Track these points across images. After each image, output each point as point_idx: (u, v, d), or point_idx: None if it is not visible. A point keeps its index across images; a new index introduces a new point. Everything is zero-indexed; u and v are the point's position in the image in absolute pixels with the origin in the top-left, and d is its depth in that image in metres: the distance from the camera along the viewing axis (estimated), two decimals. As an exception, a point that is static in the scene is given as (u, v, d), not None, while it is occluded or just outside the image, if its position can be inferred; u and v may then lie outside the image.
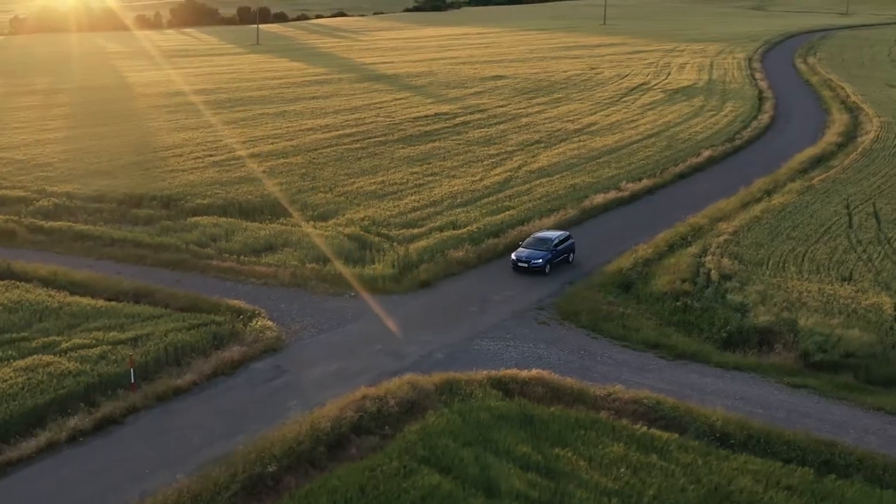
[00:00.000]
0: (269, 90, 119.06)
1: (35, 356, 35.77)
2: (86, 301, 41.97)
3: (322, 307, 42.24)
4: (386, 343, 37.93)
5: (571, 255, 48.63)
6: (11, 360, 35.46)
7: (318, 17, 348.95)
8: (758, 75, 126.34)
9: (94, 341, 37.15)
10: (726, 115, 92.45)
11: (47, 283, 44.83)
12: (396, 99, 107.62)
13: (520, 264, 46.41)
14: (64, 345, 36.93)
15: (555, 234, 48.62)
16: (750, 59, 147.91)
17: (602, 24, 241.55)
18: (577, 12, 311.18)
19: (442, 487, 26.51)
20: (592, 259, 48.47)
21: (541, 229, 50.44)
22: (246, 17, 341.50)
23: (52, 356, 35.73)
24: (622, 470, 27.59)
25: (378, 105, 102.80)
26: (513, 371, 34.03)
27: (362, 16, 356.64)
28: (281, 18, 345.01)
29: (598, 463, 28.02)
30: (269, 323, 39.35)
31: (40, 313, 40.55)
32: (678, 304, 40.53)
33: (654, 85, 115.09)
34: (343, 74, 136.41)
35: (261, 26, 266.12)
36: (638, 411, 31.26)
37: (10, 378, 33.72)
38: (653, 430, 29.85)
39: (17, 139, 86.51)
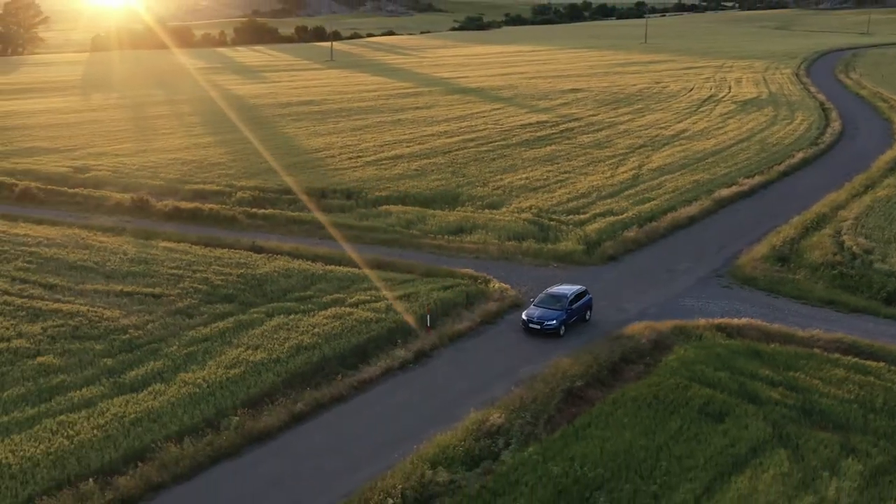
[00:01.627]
0: (371, 101, 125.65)
1: (332, 308, 42.34)
2: (341, 269, 48.53)
3: (534, 275, 48.58)
4: (606, 300, 44.23)
5: (589, 312, 42.09)
6: (316, 311, 42.04)
7: (369, 35, 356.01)
8: (812, 89, 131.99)
9: (373, 297, 43.72)
10: (801, 124, 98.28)
11: (295, 256, 51.40)
12: (493, 109, 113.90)
13: (531, 326, 40.13)
14: (349, 300, 43.52)
15: (570, 290, 41.70)
16: (797, 75, 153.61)
17: (643, 43, 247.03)
18: (614, 32, 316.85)
19: (716, 397, 32.80)
20: (745, 237, 54.58)
21: (554, 284, 43.45)
22: (303, 35, 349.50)
23: (346, 308, 42.29)
24: (850, 386, 33.79)
25: (479, 115, 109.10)
26: (726, 319, 40.26)
27: (411, 34, 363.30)
28: (336, 37, 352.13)
29: (828, 382, 34.23)
30: (505, 285, 45.77)
31: (310, 278, 47.14)
32: (835, 272, 46.67)
33: (723, 97, 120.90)
34: (429, 88, 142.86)
35: (325, 44, 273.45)
36: (840, 348, 37.42)
37: (326, 323, 40.30)
38: (862, 360, 36.01)
39: (175, 143, 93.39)
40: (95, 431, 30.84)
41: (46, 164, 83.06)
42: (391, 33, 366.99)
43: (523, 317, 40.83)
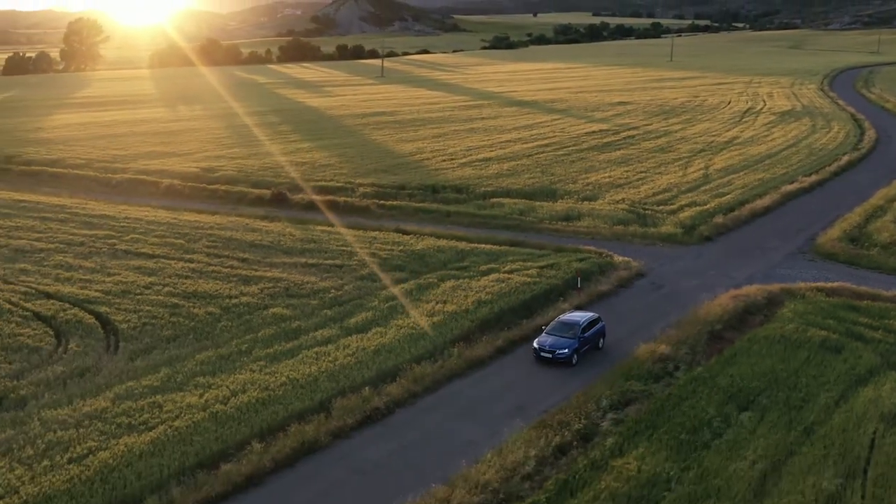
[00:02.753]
0: (439, 113, 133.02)
1: (491, 275, 49.50)
2: (482, 246, 55.72)
3: (644, 252, 55.62)
4: (714, 270, 51.26)
5: (602, 339, 40.20)
6: (479, 277, 49.23)
7: (405, 53, 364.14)
8: (840, 102, 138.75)
9: (522, 267, 50.91)
10: (839, 132, 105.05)
11: (438, 237, 58.58)
12: (554, 119, 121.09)
13: (542, 354, 38.21)
14: (503, 269, 50.67)
15: (583, 318, 39.72)
16: (822, 89, 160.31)
17: (669, 61, 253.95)
18: (637, 50, 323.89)
19: (830, 337, 39.71)
20: (817, 223, 61.35)
21: (566, 311, 42.05)
22: (343, 53, 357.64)
23: (503, 275, 49.46)
24: (944, 331, 40.67)
25: (543, 124, 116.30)
26: (821, 283, 47.18)
27: (444, 52, 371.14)
28: (374, 55, 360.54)
29: (921, 327, 41.14)
30: (627, 259, 52.88)
31: (460, 254, 54.33)
32: (905, 249, 53.63)
33: (760, 109, 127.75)
34: (486, 101, 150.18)
35: (367, 61, 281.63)
36: (923, 304, 44.32)
37: (492, 285, 47.41)
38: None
39: (278, 148, 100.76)
40: (348, 359, 38.03)
41: (174, 164, 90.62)
42: (425, 51, 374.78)
43: (534, 345, 38.69)
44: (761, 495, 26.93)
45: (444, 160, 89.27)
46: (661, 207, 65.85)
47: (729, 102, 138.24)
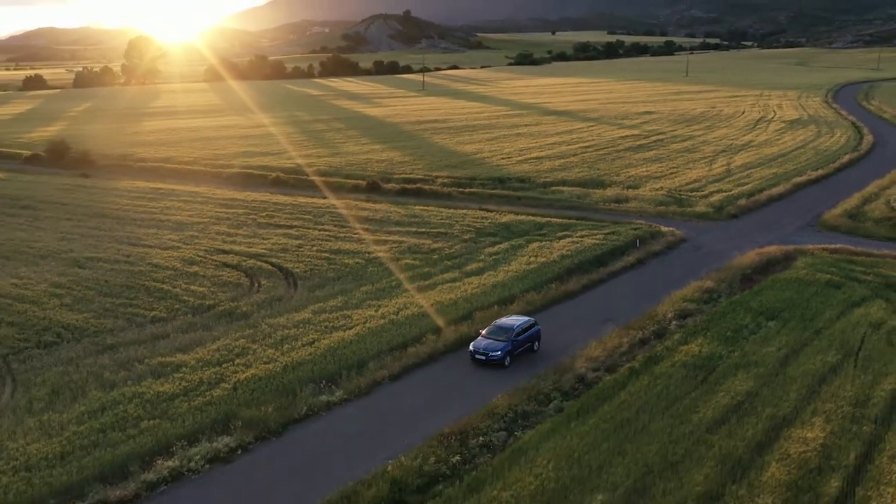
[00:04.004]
0: (485, 120, 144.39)
1: (567, 239, 60.80)
2: (554, 220, 67.05)
3: (684, 225, 66.66)
4: (742, 237, 62.30)
5: (537, 343, 40.61)
6: (557, 240, 60.56)
7: (437, 69, 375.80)
8: (842, 112, 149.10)
9: (589, 234, 62.19)
10: (841, 137, 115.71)
11: (517, 213, 69.92)
12: (589, 126, 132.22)
13: (477, 356, 38.66)
14: (575, 235, 61.98)
15: (517, 322, 40.19)
16: (826, 101, 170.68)
17: (685, 76, 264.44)
18: (653, 66, 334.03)
19: (833, 279, 50.53)
20: (822, 205, 71.76)
21: (505, 315, 42.74)
22: (379, 68, 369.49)
23: (576, 238, 60.78)
24: (913, 275, 51.72)
25: (580, 130, 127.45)
26: (826, 245, 58.18)
27: (473, 68, 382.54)
28: (407, 70, 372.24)
29: (899, 273, 52.18)
30: (671, 229, 64.09)
31: (537, 225, 65.52)
32: (891, 223, 64.47)
33: (771, 118, 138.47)
34: (525, 111, 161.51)
35: (404, 76, 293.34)
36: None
37: (570, 246, 58.67)
38: (918, 263, 53.93)
39: (354, 149, 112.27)
40: (474, 290, 49.28)
41: (270, 161, 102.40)
42: (455, 67, 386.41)
43: (470, 348, 39.28)
44: (785, 366, 38.03)
45: (502, 158, 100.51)
46: (693, 193, 76.95)
47: (743, 112, 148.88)
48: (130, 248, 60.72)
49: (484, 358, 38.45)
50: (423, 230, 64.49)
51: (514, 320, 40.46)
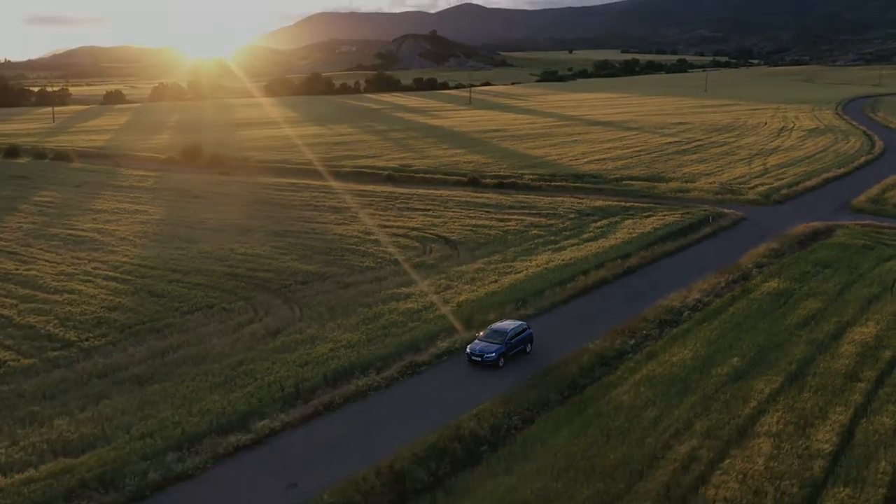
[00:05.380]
0: (540, 130, 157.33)
1: (653, 217, 73.76)
2: (637, 204, 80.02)
3: (740, 209, 79.37)
4: (789, 217, 74.99)
5: (529, 345, 41.63)
6: (645, 218, 73.60)
7: (471, 86, 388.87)
8: (853, 122, 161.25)
9: (668, 213, 75.20)
10: (855, 143, 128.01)
11: (605, 199, 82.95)
12: (634, 134, 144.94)
13: (473, 358, 39.51)
14: (656, 215, 74.98)
15: (511, 326, 41.21)
16: (837, 113, 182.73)
17: (704, 91, 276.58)
18: (675, 83, 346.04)
19: (866, 243, 63.41)
20: (850, 194, 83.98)
21: (500, 319, 43.94)
22: (420, 84, 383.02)
23: (659, 216, 73.79)
24: (928, 241, 64.51)
25: (628, 137, 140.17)
26: (857, 221, 70.95)
27: (503, 84, 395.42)
28: (444, 86, 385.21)
29: (917, 240, 64.96)
30: (731, 211, 76.99)
31: (624, 208, 78.60)
32: (910, 207, 77.27)
33: (792, 128, 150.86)
34: (570, 122, 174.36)
35: (447, 91, 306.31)
36: (920, 231, 68.02)
37: (656, 222, 71.65)
38: (932, 233, 66.69)
39: (435, 153, 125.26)
40: (597, 250, 62.12)
41: (373, 162, 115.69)
42: (488, 84, 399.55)
43: (467, 350, 40.12)
44: (841, 294, 50.72)
45: (571, 160, 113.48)
46: (741, 185, 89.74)
47: (766, 123, 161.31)
48: (309, 224, 74.15)
49: (479, 359, 39.33)
50: (534, 212, 77.54)
51: (508, 324, 41.42)
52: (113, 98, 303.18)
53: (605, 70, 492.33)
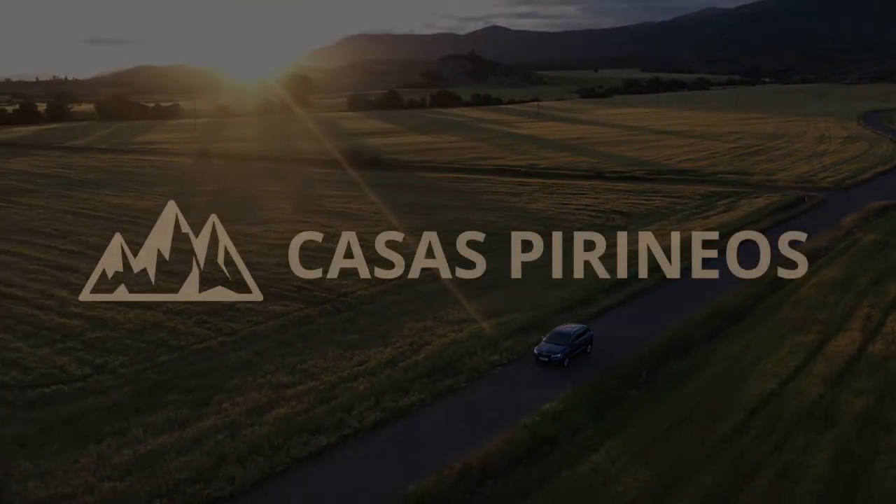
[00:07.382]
0: (617, 139, 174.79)
1: (744, 200, 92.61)
2: (733, 190, 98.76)
3: (821, 193, 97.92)
4: (861, 198, 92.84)
5: (590, 346, 41.71)
6: (753, 198, 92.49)
7: (521, 101, 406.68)
8: (878, 131, 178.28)
9: (763, 196, 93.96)
10: (888, 147, 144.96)
11: (706, 187, 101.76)
12: (700, 141, 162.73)
13: (541, 359, 39.73)
14: (761, 196, 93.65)
15: (573, 329, 41.63)
16: (861, 124, 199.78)
17: (735, 106, 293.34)
18: (703, 99, 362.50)
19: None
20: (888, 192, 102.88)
21: (563, 324, 43.41)
22: (477, 100, 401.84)
23: (754, 200, 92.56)
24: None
25: (697, 143, 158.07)
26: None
27: (551, 100, 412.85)
28: (497, 101, 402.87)
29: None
30: (814, 195, 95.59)
31: (732, 193, 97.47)
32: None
33: (830, 136, 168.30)
34: (638, 132, 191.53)
35: (510, 105, 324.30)
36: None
37: (754, 204, 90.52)
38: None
39: (559, 153, 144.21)
40: (732, 218, 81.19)
41: (502, 162, 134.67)
42: (535, 100, 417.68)
43: (535, 351, 40.36)
44: (919, 244, 69.58)
45: (664, 161, 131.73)
46: (812, 178, 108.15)
47: (805, 132, 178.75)
48: (505, 202, 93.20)
49: (547, 360, 39.60)
50: (665, 195, 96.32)
51: (571, 328, 41.89)
52: (222, 112, 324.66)
53: (634, 87, 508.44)
